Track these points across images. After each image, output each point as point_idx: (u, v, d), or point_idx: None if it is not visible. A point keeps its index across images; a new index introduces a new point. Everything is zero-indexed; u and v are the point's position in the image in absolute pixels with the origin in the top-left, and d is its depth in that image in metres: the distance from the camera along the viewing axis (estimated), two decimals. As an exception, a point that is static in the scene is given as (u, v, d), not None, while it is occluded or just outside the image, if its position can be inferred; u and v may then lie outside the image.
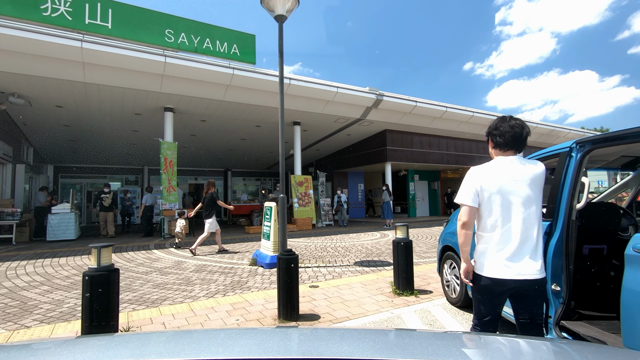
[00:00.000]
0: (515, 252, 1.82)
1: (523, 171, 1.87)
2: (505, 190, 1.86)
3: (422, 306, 3.94)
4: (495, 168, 1.91)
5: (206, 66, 9.62)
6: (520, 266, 1.81)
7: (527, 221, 1.85)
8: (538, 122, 18.85)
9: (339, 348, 0.90)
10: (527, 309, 1.89)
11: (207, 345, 0.95)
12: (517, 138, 1.91)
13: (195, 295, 4.40)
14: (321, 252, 7.73)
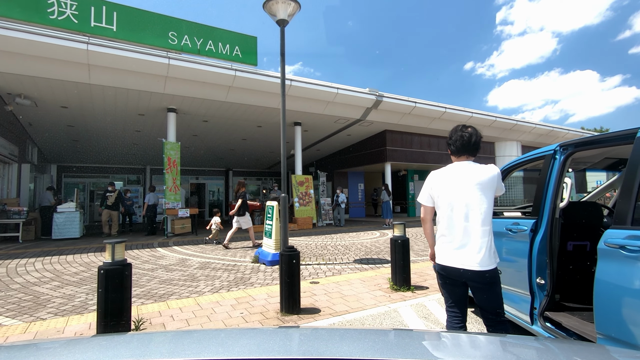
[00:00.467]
0: (460, 245, 2.08)
1: (471, 175, 2.09)
2: (452, 191, 2.12)
3: (418, 301, 4.12)
4: (447, 172, 2.20)
5: (209, 68, 9.80)
6: (464, 258, 2.06)
7: (471, 219, 2.06)
8: (537, 123, 19.01)
9: (339, 348, 0.91)
10: (481, 297, 2.12)
11: (207, 345, 0.96)
12: (466, 145, 2.15)
13: (200, 291, 4.58)
14: (321, 250, 7.91)
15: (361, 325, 3.40)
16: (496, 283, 2.10)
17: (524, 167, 3.27)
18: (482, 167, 2.10)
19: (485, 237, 2.04)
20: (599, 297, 1.90)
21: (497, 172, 2.10)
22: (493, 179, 2.06)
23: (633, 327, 1.73)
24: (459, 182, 2.11)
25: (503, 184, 2.20)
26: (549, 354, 1.00)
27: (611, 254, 1.87)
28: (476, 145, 2.16)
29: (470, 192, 2.07)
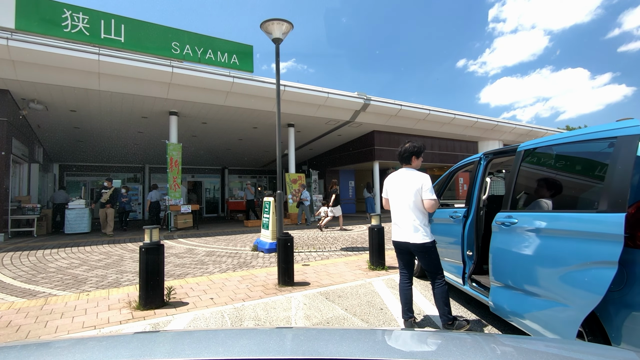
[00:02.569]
0: (401, 226, 3.09)
1: (404, 178, 3.11)
2: (394, 189, 3.18)
3: (389, 277, 5.08)
4: (395, 175, 3.23)
5: (209, 75, 10.64)
6: (403, 235, 3.06)
7: (404, 209, 3.06)
8: (516, 124, 20.11)
9: (338, 348, 0.91)
10: (422, 261, 3.10)
11: (207, 345, 0.96)
12: (401, 156, 3.23)
13: (210, 271, 5.50)
14: (313, 241, 8.85)
15: (341, 292, 4.35)
16: (429, 252, 3.05)
17: (464, 170, 4.23)
18: (412, 174, 3.08)
19: (415, 221, 3.00)
20: (491, 257, 2.87)
21: (422, 180, 3.04)
22: (417, 184, 3.02)
23: (507, 272, 2.69)
24: (398, 184, 3.14)
25: (429, 188, 3.03)
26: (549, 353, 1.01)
27: (497, 228, 2.83)
28: (404, 156, 3.16)
29: (403, 191, 3.07)
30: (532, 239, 2.47)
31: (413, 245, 3.03)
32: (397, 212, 3.12)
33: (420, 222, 3.01)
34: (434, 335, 1.24)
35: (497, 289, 2.81)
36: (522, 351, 1.03)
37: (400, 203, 3.09)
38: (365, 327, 3.24)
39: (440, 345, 1.05)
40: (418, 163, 3.24)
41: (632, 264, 1.88)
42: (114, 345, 1.00)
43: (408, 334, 1.22)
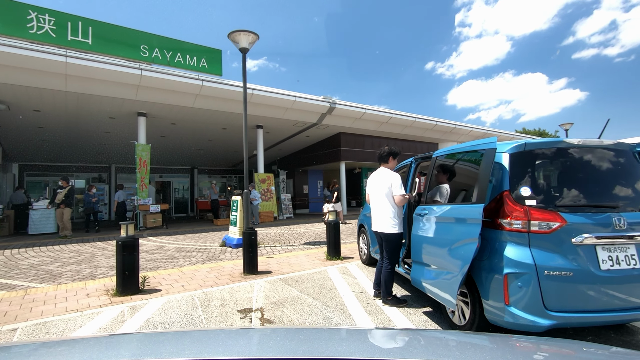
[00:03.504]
0: (376, 217, 3.78)
1: (380, 176, 3.79)
2: (371, 186, 3.88)
3: (343, 265, 5.78)
4: (373, 174, 3.91)
5: (178, 78, 10.94)
6: (378, 225, 3.75)
7: (379, 202, 3.75)
8: (472, 127, 21.58)
9: (338, 348, 0.93)
10: (385, 247, 3.80)
11: (207, 345, 0.97)
12: (380, 157, 3.89)
13: (181, 264, 5.97)
14: (279, 237, 9.44)
15: (299, 278, 4.98)
16: (392, 241, 3.74)
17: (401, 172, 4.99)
18: (386, 173, 3.76)
19: (386, 214, 3.69)
20: (411, 242, 3.60)
21: (392, 178, 3.72)
22: (388, 182, 3.71)
23: (419, 252, 3.43)
24: (375, 181, 3.83)
25: (399, 185, 3.69)
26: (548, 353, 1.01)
27: (415, 218, 3.57)
28: (381, 157, 3.85)
29: (378, 188, 3.76)
30: (435, 225, 3.22)
31: (382, 234, 3.76)
32: (374, 206, 3.85)
33: (390, 215, 3.70)
34: (435, 336, 1.25)
35: (414, 266, 3.55)
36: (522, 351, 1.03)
37: (376, 198, 3.80)
38: (315, 303, 3.89)
39: (440, 345, 1.05)
40: (394, 164, 3.93)
41: (492, 240, 2.65)
42: (114, 345, 1.01)
43: (408, 334, 1.22)
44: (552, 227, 2.47)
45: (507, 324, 2.52)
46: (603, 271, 2.46)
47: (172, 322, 3.37)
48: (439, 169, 3.58)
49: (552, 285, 2.43)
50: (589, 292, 2.46)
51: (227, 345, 0.99)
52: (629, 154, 2.87)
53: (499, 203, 2.64)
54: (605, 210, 2.56)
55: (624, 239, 2.51)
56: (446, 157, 3.53)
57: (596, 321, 2.48)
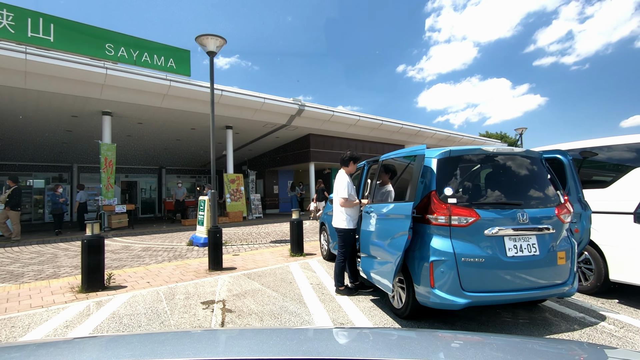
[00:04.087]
0: (334, 214, 4.16)
1: (337, 178, 4.20)
2: (334, 184, 4.22)
3: (305, 261, 6.14)
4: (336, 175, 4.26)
5: (145, 78, 10.89)
6: (334, 221, 4.16)
7: (335, 201, 4.14)
8: (437, 130, 22.59)
9: (338, 348, 0.95)
10: (338, 240, 4.18)
11: (207, 345, 0.98)
12: (342, 160, 4.27)
13: (147, 263, 6.11)
14: (247, 236, 9.67)
15: (261, 273, 5.29)
16: (341, 236, 4.14)
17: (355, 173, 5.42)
18: (340, 176, 4.16)
19: (338, 210, 4.09)
20: (360, 236, 4.01)
21: (339, 181, 4.13)
22: (337, 184, 4.10)
23: (366, 245, 3.84)
24: (335, 182, 4.21)
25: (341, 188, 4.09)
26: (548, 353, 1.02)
27: (363, 216, 3.99)
28: (344, 161, 4.23)
29: (334, 188, 4.15)
30: (377, 221, 3.65)
31: (335, 228, 4.19)
32: (334, 203, 4.28)
33: (340, 212, 4.11)
34: (434, 335, 1.25)
35: (362, 259, 3.96)
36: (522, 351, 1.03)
37: (335, 197, 4.22)
38: (274, 294, 4.22)
39: (440, 346, 1.05)
40: (353, 167, 4.30)
41: (422, 233, 3.10)
42: (114, 345, 1.01)
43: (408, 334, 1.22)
44: (469, 221, 2.94)
45: (432, 304, 2.97)
46: (509, 257, 2.96)
47: (138, 313, 3.59)
48: (384, 170, 4.01)
49: (468, 270, 2.90)
50: (498, 275, 2.95)
51: (227, 345, 1.00)
52: (536, 160, 3.41)
53: (427, 201, 3.09)
54: (511, 207, 3.06)
55: (526, 231, 3.02)
56: (390, 161, 3.97)
57: (503, 299, 2.97)
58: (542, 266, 3.04)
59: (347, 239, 4.18)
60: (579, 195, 3.54)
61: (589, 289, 4.01)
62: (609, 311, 3.51)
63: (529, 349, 1.09)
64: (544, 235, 3.07)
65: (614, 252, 3.77)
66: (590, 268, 4.00)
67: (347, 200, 4.07)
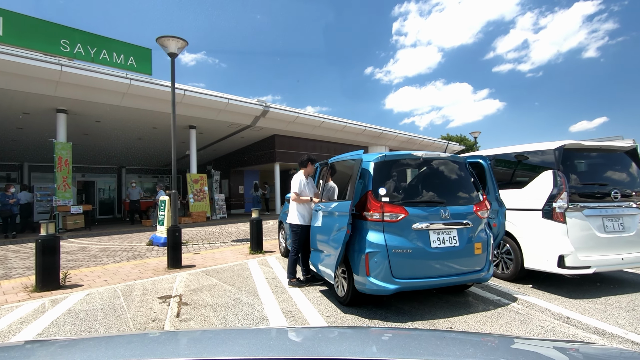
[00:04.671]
0: (285, 210, 4.50)
1: (293, 178, 4.48)
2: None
3: (263, 258, 6.41)
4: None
5: (103, 76, 10.67)
6: (288, 217, 4.47)
7: (290, 199, 4.43)
8: (398, 132, 23.50)
9: (338, 348, 0.94)
10: (291, 236, 4.47)
11: (206, 345, 0.98)
12: (300, 162, 4.58)
13: (104, 263, 6.13)
14: (209, 236, 9.77)
15: (220, 270, 5.51)
16: (294, 232, 4.45)
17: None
18: (295, 176, 4.47)
19: (292, 208, 4.41)
20: (310, 232, 4.37)
21: (293, 180, 4.44)
22: (292, 181, 4.40)
23: (315, 240, 4.19)
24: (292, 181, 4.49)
25: (294, 187, 4.45)
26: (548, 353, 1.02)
27: (313, 214, 4.35)
28: (303, 163, 4.54)
29: (291, 186, 4.43)
30: (323, 218, 4.02)
31: (289, 224, 4.52)
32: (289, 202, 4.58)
33: (294, 209, 4.42)
34: (434, 335, 1.25)
35: (312, 253, 4.32)
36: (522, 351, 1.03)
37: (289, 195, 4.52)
38: (230, 288, 4.48)
39: (440, 346, 1.06)
40: (311, 169, 4.63)
41: (360, 228, 3.50)
42: (114, 345, 1.01)
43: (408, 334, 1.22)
44: (399, 218, 3.37)
45: (369, 290, 3.37)
46: (433, 248, 3.42)
47: (94, 309, 3.73)
48: (331, 172, 4.40)
49: (398, 260, 3.33)
50: (423, 264, 3.40)
51: (227, 345, 1.00)
52: (461, 164, 3.92)
53: (364, 200, 3.49)
54: (436, 205, 3.53)
55: (448, 225, 3.50)
56: (336, 163, 4.36)
57: (428, 284, 3.43)
58: (462, 256, 3.53)
59: (299, 234, 4.51)
60: (496, 195, 4.10)
61: (509, 276, 4.61)
62: (521, 294, 4.09)
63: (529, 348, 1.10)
64: (463, 229, 3.57)
65: (528, 243, 4.38)
66: (511, 258, 4.60)
67: (299, 195, 4.41)
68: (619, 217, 4.23)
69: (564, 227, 4.05)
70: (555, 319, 3.34)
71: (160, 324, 3.31)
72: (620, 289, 4.22)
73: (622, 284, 4.47)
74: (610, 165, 4.55)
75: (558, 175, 4.12)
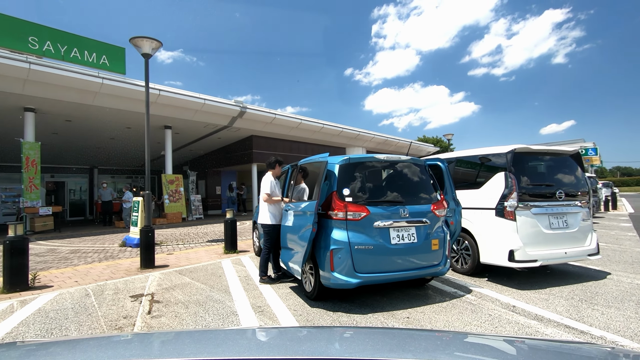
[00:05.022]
0: (259, 211, 4.61)
1: (263, 179, 4.64)
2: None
3: (237, 257, 6.54)
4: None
5: (74, 74, 10.45)
6: (259, 217, 4.64)
7: (260, 200, 4.59)
8: (375, 134, 23.98)
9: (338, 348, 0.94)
10: (262, 235, 4.62)
11: (206, 345, 0.98)
12: (268, 164, 4.75)
13: (75, 264, 6.09)
14: (184, 236, 9.77)
15: (193, 269, 5.60)
16: (265, 231, 4.61)
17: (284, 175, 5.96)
18: (265, 177, 4.63)
19: (263, 208, 4.56)
20: (281, 231, 4.55)
21: (263, 181, 4.60)
22: (262, 183, 4.56)
23: (285, 239, 4.38)
24: (261, 182, 4.64)
25: (264, 187, 4.61)
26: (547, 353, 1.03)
27: (283, 214, 4.54)
28: (271, 164, 4.71)
29: (260, 187, 4.58)
30: (292, 217, 4.22)
31: (260, 225, 4.67)
32: (260, 203, 4.73)
33: (265, 209, 4.59)
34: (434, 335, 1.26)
35: (282, 251, 4.51)
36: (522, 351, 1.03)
37: (260, 196, 4.67)
38: (202, 286, 4.60)
39: (439, 346, 1.06)
40: (278, 170, 4.81)
41: (326, 227, 3.71)
42: (113, 345, 1.02)
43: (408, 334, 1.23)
44: (361, 216, 3.61)
45: (333, 285, 3.59)
46: (393, 245, 3.68)
47: (65, 308, 3.78)
48: (301, 173, 4.60)
49: (360, 256, 3.56)
50: (384, 259, 3.65)
51: (227, 345, 1.00)
52: (421, 167, 4.21)
53: (330, 200, 3.71)
54: (396, 204, 3.80)
55: (407, 223, 3.77)
56: (305, 165, 4.57)
57: (389, 278, 3.68)
58: (420, 252, 3.81)
59: (270, 233, 4.69)
60: (453, 195, 4.41)
61: (467, 270, 4.95)
62: (476, 287, 4.42)
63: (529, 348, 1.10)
64: (421, 227, 3.85)
65: (483, 240, 4.72)
66: (469, 254, 4.94)
67: (270, 196, 4.59)
68: (564, 215, 4.64)
69: (514, 224, 4.41)
70: (502, 307, 3.67)
71: (131, 321, 3.41)
72: (564, 281, 4.63)
73: (567, 275, 4.89)
74: (557, 167, 4.97)
75: (509, 177, 4.49)
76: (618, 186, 56.90)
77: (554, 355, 1.02)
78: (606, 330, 3.08)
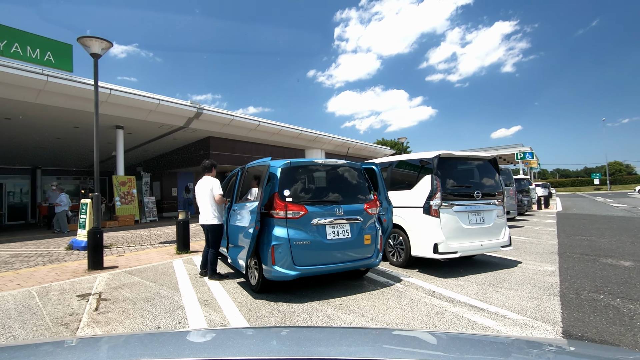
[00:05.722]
0: (202, 214, 4.89)
1: (205, 182, 4.92)
2: (198, 190, 4.97)
3: (189, 257, 6.68)
4: (199, 181, 5.00)
5: (14, 70, 9.93)
6: (204, 219, 4.88)
7: (204, 202, 4.87)
8: (333, 136, 24.64)
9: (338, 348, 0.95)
10: (210, 236, 4.90)
11: (206, 345, 0.99)
12: (204, 167, 5.01)
13: (17, 268, 5.94)
14: (136, 239, 9.65)
15: (143, 269, 5.70)
16: (215, 231, 4.85)
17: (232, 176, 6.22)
18: (209, 179, 4.90)
19: (210, 210, 4.80)
20: (228, 230, 4.83)
21: (213, 183, 4.87)
22: (210, 186, 4.83)
23: (231, 236, 4.67)
24: (201, 186, 4.92)
25: (218, 187, 4.90)
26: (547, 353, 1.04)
27: (230, 213, 4.83)
28: (207, 168, 4.97)
29: (204, 191, 4.85)
30: (238, 216, 4.53)
31: (207, 226, 4.89)
32: (200, 205, 4.94)
33: (213, 210, 4.81)
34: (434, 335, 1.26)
35: (230, 248, 4.79)
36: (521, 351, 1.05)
37: (202, 199, 4.90)
38: (152, 285, 4.76)
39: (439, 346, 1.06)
40: (215, 172, 5.08)
41: (268, 225, 4.06)
42: (114, 345, 1.02)
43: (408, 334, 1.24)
44: (300, 214, 4.00)
45: (274, 277, 3.94)
46: (329, 240, 4.10)
47: (7, 309, 3.81)
48: (249, 175, 4.91)
49: (299, 250, 3.95)
50: (320, 253, 4.07)
51: (227, 345, 1.00)
52: (357, 169, 4.68)
53: (272, 200, 4.07)
54: (332, 204, 4.23)
55: (341, 221, 4.21)
56: (252, 168, 4.89)
57: (325, 270, 4.10)
58: (353, 246, 4.27)
59: (219, 232, 4.95)
60: (385, 195, 4.93)
61: (401, 263, 5.51)
62: (407, 277, 4.97)
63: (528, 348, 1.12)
64: (354, 224, 4.31)
65: (414, 235, 5.30)
66: (403, 248, 5.50)
67: (222, 197, 4.88)
68: (480, 212, 5.34)
69: (438, 220, 5.02)
70: (423, 293, 4.22)
71: (77, 317, 3.54)
72: (481, 269, 5.32)
73: (485, 265, 5.61)
74: (476, 171, 5.68)
75: (435, 179, 5.09)
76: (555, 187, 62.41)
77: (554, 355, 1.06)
78: (501, 307, 3.70)
